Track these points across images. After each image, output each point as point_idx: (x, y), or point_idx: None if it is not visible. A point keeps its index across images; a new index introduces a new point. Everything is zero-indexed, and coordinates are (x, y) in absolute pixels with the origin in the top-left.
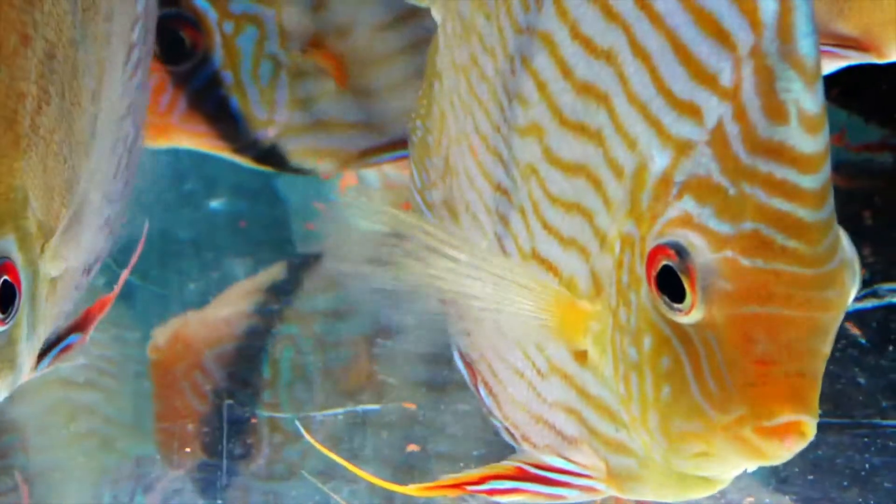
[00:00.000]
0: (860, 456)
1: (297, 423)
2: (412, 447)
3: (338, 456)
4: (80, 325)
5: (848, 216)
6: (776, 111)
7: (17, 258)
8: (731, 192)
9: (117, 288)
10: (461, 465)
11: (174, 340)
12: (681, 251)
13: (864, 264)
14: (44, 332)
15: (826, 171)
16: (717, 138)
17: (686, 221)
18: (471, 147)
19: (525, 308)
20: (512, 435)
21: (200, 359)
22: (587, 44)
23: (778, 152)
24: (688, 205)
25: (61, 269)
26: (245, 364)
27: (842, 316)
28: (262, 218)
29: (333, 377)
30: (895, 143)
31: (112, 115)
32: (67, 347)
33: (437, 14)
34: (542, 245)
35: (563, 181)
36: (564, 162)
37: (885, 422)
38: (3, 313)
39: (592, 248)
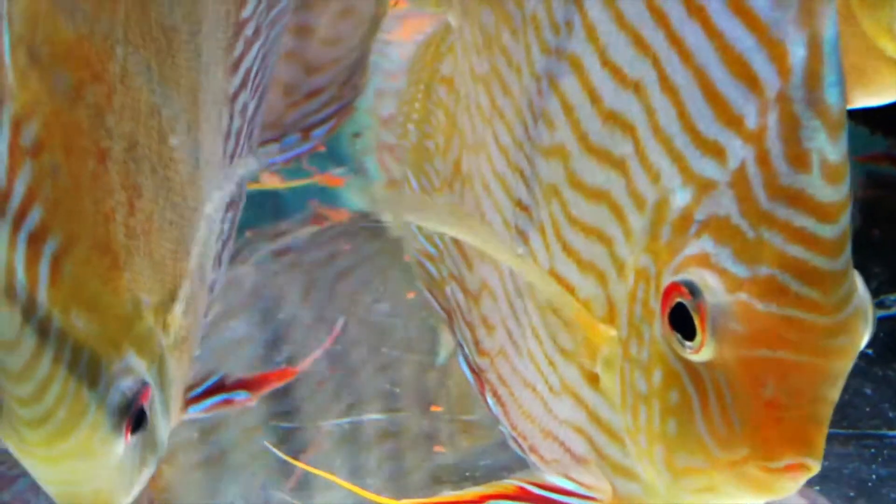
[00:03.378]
0: (867, 467)
1: (266, 443)
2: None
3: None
4: (250, 385)
5: (852, 227)
6: (799, 159)
7: (142, 368)
8: (750, 235)
9: (304, 363)
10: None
11: None
12: (694, 290)
13: (869, 275)
14: (179, 386)
15: (845, 220)
16: (739, 180)
17: (703, 260)
18: (489, 158)
19: (550, 321)
20: (519, 445)
21: None
22: (616, 72)
23: (798, 200)
24: (706, 244)
25: (186, 330)
26: None
27: (853, 361)
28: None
29: None
30: None
31: (213, 112)
32: (230, 401)
33: (453, 20)
34: (561, 266)
35: (584, 205)
36: (587, 187)
37: (891, 432)
38: (133, 433)
39: (610, 275)
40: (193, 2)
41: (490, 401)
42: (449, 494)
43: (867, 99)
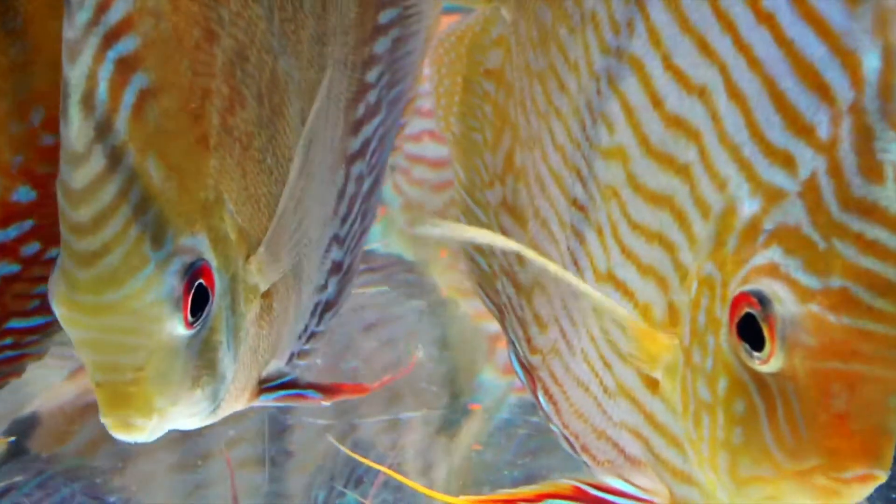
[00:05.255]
0: None
1: (329, 437)
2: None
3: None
4: (326, 390)
5: None
6: (872, 170)
7: (212, 259)
8: (821, 246)
9: (378, 384)
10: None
11: None
12: (763, 300)
13: None
14: (255, 355)
15: None
16: (810, 191)
17: (772, 271)
18: (544, 155)
19: (604, 327)
20: (570, 444)
21: None
22: (680, 76)
23: (871, 212)
24: (775, 254)
25: (269, 283)
26: None
27: None
28: None
29: None
30: None
31: (330, 146)
32: (302, 396)
33: (507, 14)
34: (619, 269)
35: (645, 209)
36: (648, 191)
37: None
38: (194, 317)
39: (672, 281)
40: (323, 12)
41: (541, 398)
42: (504, 491)
43: None
